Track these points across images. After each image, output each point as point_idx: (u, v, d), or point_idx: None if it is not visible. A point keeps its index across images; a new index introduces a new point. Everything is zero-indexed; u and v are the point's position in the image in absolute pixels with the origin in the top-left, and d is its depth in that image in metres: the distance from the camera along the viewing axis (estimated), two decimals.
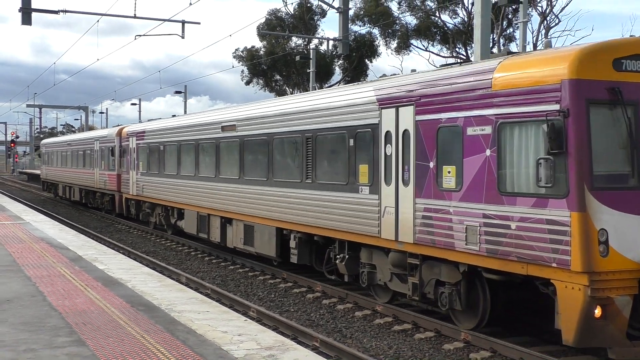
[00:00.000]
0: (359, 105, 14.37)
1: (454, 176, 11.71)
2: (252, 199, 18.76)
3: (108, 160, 35.08)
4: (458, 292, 12.03)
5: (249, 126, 19.18)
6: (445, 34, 51.38)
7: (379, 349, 12.00)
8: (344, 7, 30.66)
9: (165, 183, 25.91)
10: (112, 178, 34.31)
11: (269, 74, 59.45)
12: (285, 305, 15.59)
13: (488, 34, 22.80)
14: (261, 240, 18.51)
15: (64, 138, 54.18)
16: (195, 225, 23.13)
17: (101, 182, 36.54)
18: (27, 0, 27.99)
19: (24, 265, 14.95)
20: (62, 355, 8.21)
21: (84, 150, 41.34)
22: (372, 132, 13.80)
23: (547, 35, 44.86)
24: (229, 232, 20.70)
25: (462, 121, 11.50)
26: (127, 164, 31.23)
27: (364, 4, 55.08)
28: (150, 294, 12.12)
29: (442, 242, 11.85)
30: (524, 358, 10.93)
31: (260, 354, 8.35)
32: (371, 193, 13.82)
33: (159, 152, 26.71)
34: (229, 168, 20.51)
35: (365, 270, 14.56)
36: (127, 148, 31.27)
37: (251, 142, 19.04)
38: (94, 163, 38.39)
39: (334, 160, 15.30)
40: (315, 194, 15.75)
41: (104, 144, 36.12)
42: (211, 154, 21.80)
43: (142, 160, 28.83)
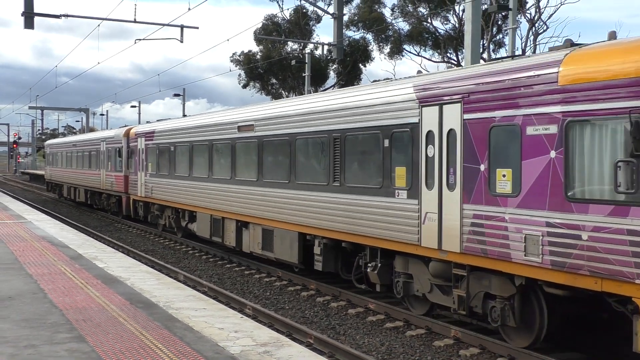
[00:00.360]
0: (395, 104, 13.04)
1: (509, 180, 10.40)
2: (272, 203, 17.49)
3: (115, 161, 33.72)
4: (511, 307, 10.78)
5: (269, 126, 17.87)
6: (436, 40, 51.45)
7: (372, 345, 12.00)
8: (339, 13, 30.67)
9: (176, 185, 24.57)
10: (119, 179, 32.98)
11: (265, 77, 59.41)
12: (280, 303, 15.58)
13: (478, 40, 22.88)
14: (282, 246, 17.20)
15: (69, 139, 52.30)
16: (209, 228, 21.80)
17: (108, 184, 35.17)
18: (29, 5, 27.92)
19: (26, 263, 14.92)
20: (62, 351, 8.19)
21: (89, 151, 39.77)
22: (411, 132, 12.49)
23: (535, 41, 44.98)
24: (245, 236, 19.43)
25: (520, 120, 10.21)
26: (135, 165, 29.74)
27: (358, 10, 55.18)
28: (148, 291, 12.10)
29: (496, 252, 10.55)
30: (513, 355, 10.95)
31: (256, 350, 8.34)
32: (409, 197, 12.51)
33: (170, 153, 25.35)
34: (246, 170, 19.20)
35: (400, 280, 13.32)
36: (135, 149, 29.69)
37: (271, 142, 17.73)
38: (100, 164, 36.94)
39: (366, 162, 14.04)
40: (344, 197, 14.48)
41: (111, 145, 34.76)
42: (226, 155, 20.49)
43: (151, 161, 27.38)
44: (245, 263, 20.54)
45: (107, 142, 35.78)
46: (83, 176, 41.13)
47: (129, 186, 31.20)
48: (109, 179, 34.78)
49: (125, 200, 32.39)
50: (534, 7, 45.26)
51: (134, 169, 29.91)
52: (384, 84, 14.24)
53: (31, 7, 28.04)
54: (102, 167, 36.32)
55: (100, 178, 36.80)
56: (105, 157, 35.86)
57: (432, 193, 11.99)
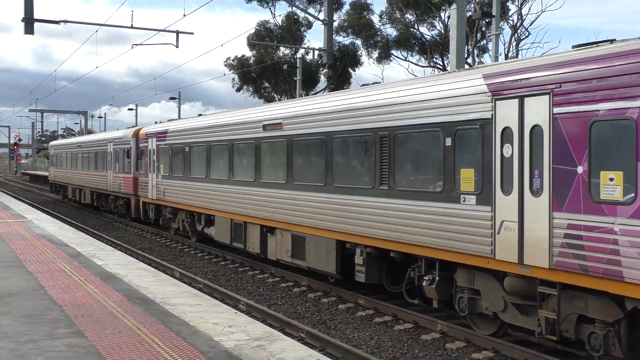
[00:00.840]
0: (460, 97, 11.10)
1: (619, 185, 8.59)
2: (304, 207, 15.55)
3: (123, 163, 31.66)
4: (617, 334, 9.01)
5: (300, 124, 15.89)
6: (423, 45, 51.52)
7: (361, 339, 12.01)
8: (329, 19, 30.66)
9: (191, 187, 22.51)
10: (127, 181, 30.96)
11: (258, 81, 59.33)
12: (273, 299, 15.56)
13: (463, 45, 22.95)
14: (315, 254, 15.27)
15: (74, 140, 49.36)
16: (229, 233, 19.77)
17: (115, 185, 33.05)
18: (29, 11, 27.80)
19: (26, 261, 14.85)
20: (62, 346, 8.15)
21: (96, 152, 37.47)
22: (481, 129, 10.53)
23: (517, 46, 45.14)
24: (271, 242, 17.45)
25: (635, 113, 8.39)
26: (145, 167, 27.70)
27: (348, 17, 55.20)
28: (145, 288, 12.06)
29: (601, 269, 8.73)
30: (496, 348, 10.96)
31: (250, 345, 8.33)
32: (480, 204, 10.57)
33: (184, 154, 23.23)
34: (272, 171, 17.21)
35: (464, 296, 11.47)
36: (146, 150, 27.60)
37: (302, 142, 15.80)
38: (107, 165, 34.78)
39: (422, 163, 12.19)
40: (394, 202, 12.52)
41: (119, 146, 32.64)
42: (249, 156, 18.44)
43: (164, 163, 25.28)
44: (239, 260, 20.51)
45: (114, 143, 33.75)
46: (89, 177, 38.92)
47: (138, 188, 29.20)
48: (117, 180, 32.79)
49: (134, 203, 30.55)
50: (516, 14, 45.51)
51: (144, 171, 27.94)
52: (445, 75, 12.22)
53: (31, 13, 27.91)
54: (109, 169, 34.32)
55: (107, 180, 34.79)
56: (112, 158, 33.88)
57: (510, 199, 10.11)
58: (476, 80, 10.89)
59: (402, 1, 48.64)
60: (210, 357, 7.72)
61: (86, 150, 40.02)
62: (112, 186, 33.86)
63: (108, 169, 34.59)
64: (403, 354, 11.15)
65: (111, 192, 34.28)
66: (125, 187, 31.41)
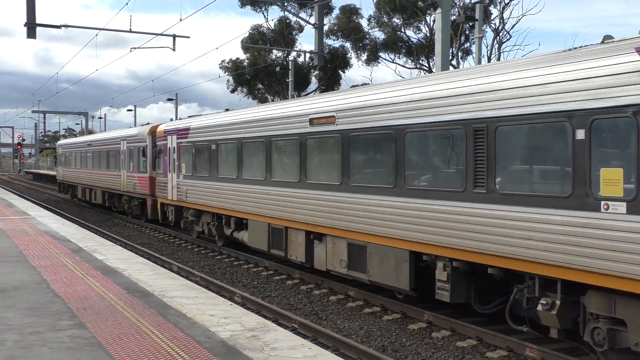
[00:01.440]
0: (597, 79, 8.54)
1: None
2: (366, 212, 12.98)
3: (138, 162, 29.15)
4: None
5: (359, 117, 13.25)
6: (409, 48, 51.57)
7: (351, 329, 12.02)
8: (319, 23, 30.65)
9: (219, 188, 19.91)
10: (143, 181, 28.53)
11: (252, 83, 59.28)
12: (267, 291, 15.56)
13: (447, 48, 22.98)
14: (381, 267, 12.73)
15: (83, 138, 45.67)
16: (266, 239, 17.11)
17: (129, 185, 30.50)
18: (31, 16, 27.66)
19: (30, 256, 14.79)
20: (64, 337, 8.13)
21: (108, 151, 34.70)
22: (635, 118, 8.03)
23: (500, 49, 45.24)
24: (320, 251, 14.92)
25: None
26: (164, 166, 24.97)
27: (337, 21, 55.21)
28: (144, 281, 12.04)
29: None
30: (480, 336, 11.01)
31: (244, 335, 8.33)
32: (632, 213, 8.10)
33: (210, 152, 20.57)
34: (321, 171, 14.66)
35: (601, 327, 8.86)
36: (165, 148, 24.89)
37: (362, 137, 13.19)
38: (120, 164, 32.10)
39: (536, 161, 9.59)
40: (496, 209, 9.99)
41: (133, 144, 30.12)
42: (292, 154, 15.80)
43: (186, 162, 22.59)
44: (235, 255, 20.48)
45: (128, 141, 31.09)
46: (100, 177, 36.13)
47: (155, 188, 26.51)
48: (131, 180, 30.21)
49: (150, 204, 28.06)
50: (498, 18, 45.62)
51: (163, 170, 25.20)
52: (571, 54, 9.36)
53: (33, 18, 27.77)
54: (123, 168, 31.64)
55: (120, 179, 32.12)
56: (126, 157, 31.26)
57: None
58: (626, 56, 8.27)
59: (390, 5, 48.66)
60: (207, 347, 7.72)
61: (97, 149, 37.36)
62: (125, 186, 31.38)
63: (121, 168, 32.02)
64: (391, 342, 11.18)
65: (125, 192, 31.78)
66: (140, 187, 28.99)
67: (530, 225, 9.42)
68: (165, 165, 24.93)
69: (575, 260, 8.77)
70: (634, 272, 8.06)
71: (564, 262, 8.93)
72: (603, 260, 8.42)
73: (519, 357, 10.11)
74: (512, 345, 10.37)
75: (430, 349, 10.76)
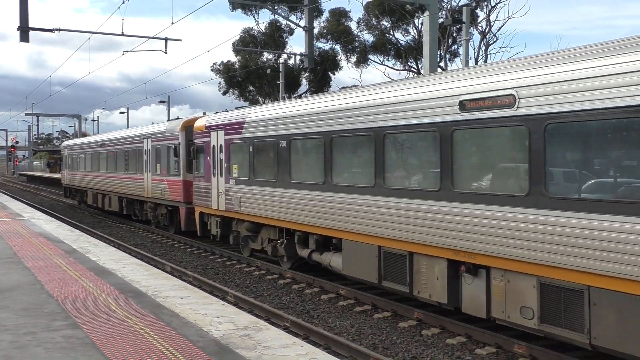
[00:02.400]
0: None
1: None
2: (583, 239, 8.40)
3: (168, 163, 24.69)
4: None
5: (563, 95, 8.65)
6: (398, 50, 51.68)
7: (343, 327, 12.02)
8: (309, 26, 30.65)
9: (292, 196, 15.31)
10: (174, 186, 24.01)
11: (243, 85, 59.24)
12: (259, 290, 15.53)
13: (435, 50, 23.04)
14: (621, 327, 8.05)
15: (95, 138, 40.18)
16: (375, 268, 12.63)
17: (156, 191, 25.81)
18: (24, 20, 27.50)
19: (24, 258, 14.71)
20: (58, 338, 8.09)
21: (126, 151, 30.02)
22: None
23: (486, 51, 45.40)
24: (475, 290, 10.47)
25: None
26: (205, 168, 20.29)
27: (327, 23, 55.27)
28: (138, 281, 11.99)
29: None
30: (469, 333, 11.02)
31: (237, 334, 8.31)
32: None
33: (278, 151, 15.88)
34: (486, 176, 10.17)
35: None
36: (206, 146, 20.26)
37: (568, 127, 8.66)
38: (143, 166, 27.41)
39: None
40: None
41: (161, 142, 25.49)
42: (427, 151, 11.34)
43: (239, 163, 18.12)
44: (227, 255, 20.44)
45: (153, 138, 26.34)
46: (117, 181, 31.34)
47: (193, 195, 21.72)
48: (158, 185, 25.59)
49: (184, 213, 23.51)
50: (484, 20, 45.77)
51: (204, 173, 20.42)
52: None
53: (26, 22, 27.62)
54: (147, 170, 26.99)
55: (143, 184, 27.36)
56: (151, 158, 26.61)
57: None
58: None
59: (378, 9, 48.75)
60: (200, 347, 7.70)
61: (113, 149, 32.52)
62: (150, 192, 26.59)
63: (145, 171, 27.24)
64: (382, 340, 11.18)
65: (149, 198, 26.92)
66: (171, 193, 24.36)
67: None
68: (207, 168, 20.20)
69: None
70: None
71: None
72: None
73: (508, 354, 10.14)
74: (500, 342, 10.39)
75: (421, 347, 10.77)
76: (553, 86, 8.83)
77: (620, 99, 7.88)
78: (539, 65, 9.26)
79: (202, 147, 20.73)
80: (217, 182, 19.60)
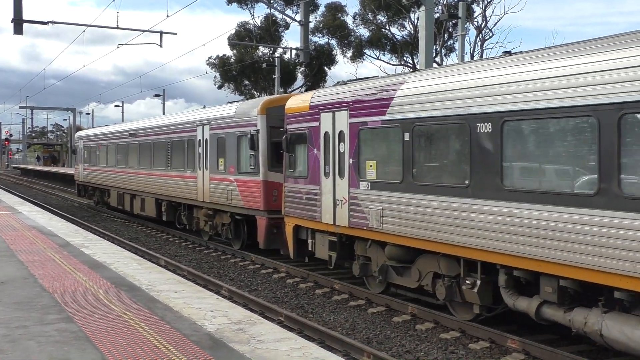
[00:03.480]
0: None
1: None
2: None
3: (237, 157, 18.65)
4: None
5: None
6: (394, 45, 51.67)
7: (337, 322, 12.03)
8: (305, 21, 30.61)
9: (504, 214, 9.57)
10: (249, 188, 17.96)
11: (238, 79, 59.16)
12: (253, 285, 15.53)
13: (431, 45, 23.02)
14: None
15: (121, 127, 32.78)
16: None
17: (217, 194, 19.64)
18: (18, 12, 27.40)
19: (17, 251, 14.67)
20: (52, 331, 8.07)
21: (169, 142, 23.71)
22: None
23: (482, 46, 45.43)
24: None
25: None
26: (309, 165, 14.57)
27: (323, 18, 55.25)
28: (132, 275, 11.97)
29: None
30: (463, 328, 11.04)
31: (231, 328, 8.31)
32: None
33: (472, 140, 10.14)
34: None
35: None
36: (311, 134, 14.49)
37: None
38: (195, 161, 21.23)
39: None
40: None
41: (226, 130, 19.30)
42: None
43: (378, 158, 12.59)
44: (222, 249, 20.42)
45: (213, 125, 20.17)
46: (154, 180, 25.17)
47: (283, 201, 15.75)
48: (222, 186, 19.40)
49: (265, 226, 17.26)
50: (480, 16, 45.84)
51: (308, 172, 14.65)
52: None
53: (20, 14, 27.51)
54: (202, 167, 20.79)
55: (195, 184, 21.23)
56: (209, 150, 20.32)
57: None
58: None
59: (374, 3, 48.70)
60: (194, 340, 7.69)
61: (148, 139, 26.27)
62: (207, 195, 20.33)
63: (198, 168, 21.04)
64: (376, 335, 11.19)
65: (205, 203, 20.71)
66: (243, 197, 18.31)
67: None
68: (312, 164, 14.43)
69: None
70: None
71: None
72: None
73: (501, 349, 10.16)
74: (494, 337, 10.41)
75: (415, 341, 10.79)
76: None
77: None
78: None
79: (303, 135, 14.76)
80: (332, 184, 13.64)
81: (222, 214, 19.99)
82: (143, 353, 7.17)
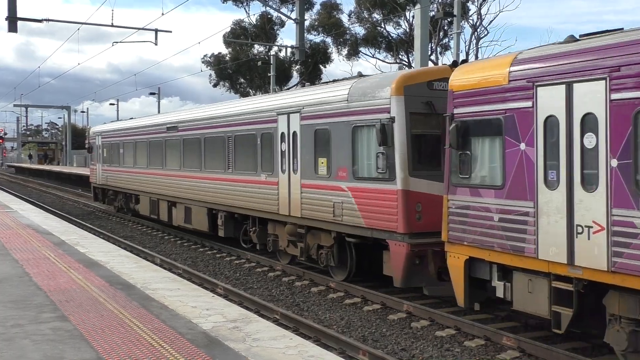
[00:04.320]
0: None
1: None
2: None
3: (353, 156, 13.22)
4: None
5: None
6: (389, 43, 51.69)
7: (332, 320, 12.03)
8: (301, 19, 30.57)
9: None
10: (374, 199, 12.59)
11: (234, 77, 59.11)
12: (249, 283, 15.53)
13: (426, 43, 23.04)
14: None
15: (154, 119, 26.02)
16: None
17: (317, 206, 14.25)
18: (13, 10, 27.30)
19: (12, 250, 14.63)
20: (46, 330, 8.05)
21: (231, 136, 18.27)
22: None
23: (477, 44, 45.48)
24: None
25: None
26: (509, 167, 9.39)
27: (318, 16, 55.24)
28: (127, 274, 11.95)
29: None
30: (458, 326, 11.06)
31: (226, 326, 8.30)
32: None
33: None
34: None
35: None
36: (505, 121, 9.42)
37: None
38: (275, 162, 15.91)
39: None
40: None
41: (328, 119, 13.95)
42: None
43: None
44: (217, 247, 20.41)
45: (306, 113, 14.78)
46: (207, 185, 19.74)
47: (447, 221, 10.59)
48: (325, 196, 13.98)
49: (404, 254, 11.86)
50: (475, 14, 45.87)
51: (506, 178, 9.44)
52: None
53: (14, 12, 27.42)
54: (287, 169, 15.47)
55: (277, 191, 15.86)
56: (300, 147, 14.97)
57: None
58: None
59: (370, 1, 48.70)
60: (189, 339, 7.68)
61: (197, 134, 20.68)
62: (298, 206, 14.94)
63: (281, 170, 15.70)
64: (371, 332, 11.20)
65: (293, 218, 15.25)
66: (366, 212, 12.88)
67: None
68: (518, 167, 9.29)
69: None
70: None
71: None
72: None
73: (497, 346, 10.18)
74: (489, 335, 10.43)
75: (410, 339, 10.80)
76: None
77: None
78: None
79: (494, 122, 9.75)
80: (564, 201, 8.66)
81: (321, 234, 14.64)
82: (138, 351, 7.17)
